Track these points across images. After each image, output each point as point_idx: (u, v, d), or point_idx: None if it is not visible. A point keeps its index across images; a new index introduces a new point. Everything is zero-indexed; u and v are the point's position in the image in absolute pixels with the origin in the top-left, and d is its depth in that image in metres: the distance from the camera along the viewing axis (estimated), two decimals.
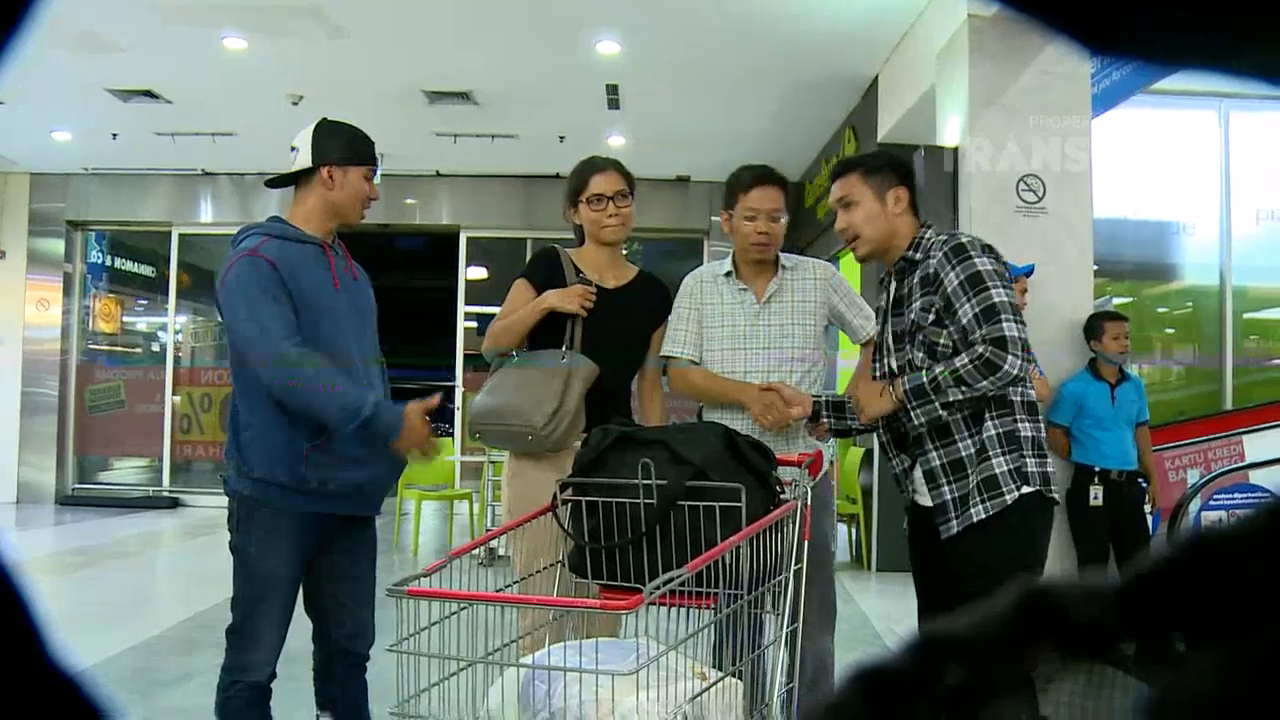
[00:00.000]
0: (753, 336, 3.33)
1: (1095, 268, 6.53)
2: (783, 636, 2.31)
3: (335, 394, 2.68)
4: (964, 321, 2.60)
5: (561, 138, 10.28)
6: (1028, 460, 2.65)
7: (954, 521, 2.66)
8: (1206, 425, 7.23)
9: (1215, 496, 6.04)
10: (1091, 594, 0.39)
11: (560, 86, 8.95)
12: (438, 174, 12.17)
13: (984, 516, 2.61)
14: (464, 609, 2.11)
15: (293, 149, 2.95)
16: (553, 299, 3.20)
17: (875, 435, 3.05)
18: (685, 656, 2.17)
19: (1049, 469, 2.71)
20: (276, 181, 3.05)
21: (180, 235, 12.54)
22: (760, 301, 3.35)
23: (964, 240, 2.70)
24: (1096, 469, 5.39)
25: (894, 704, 0.38)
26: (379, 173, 2.99)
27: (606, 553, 2.36)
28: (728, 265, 3.42)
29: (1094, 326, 5.50)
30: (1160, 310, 8.85)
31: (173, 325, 12.71)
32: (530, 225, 11.91)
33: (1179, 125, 8.09)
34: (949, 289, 2.63)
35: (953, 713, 0.38)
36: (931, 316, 2.67)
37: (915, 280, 2.74)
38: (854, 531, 8.58)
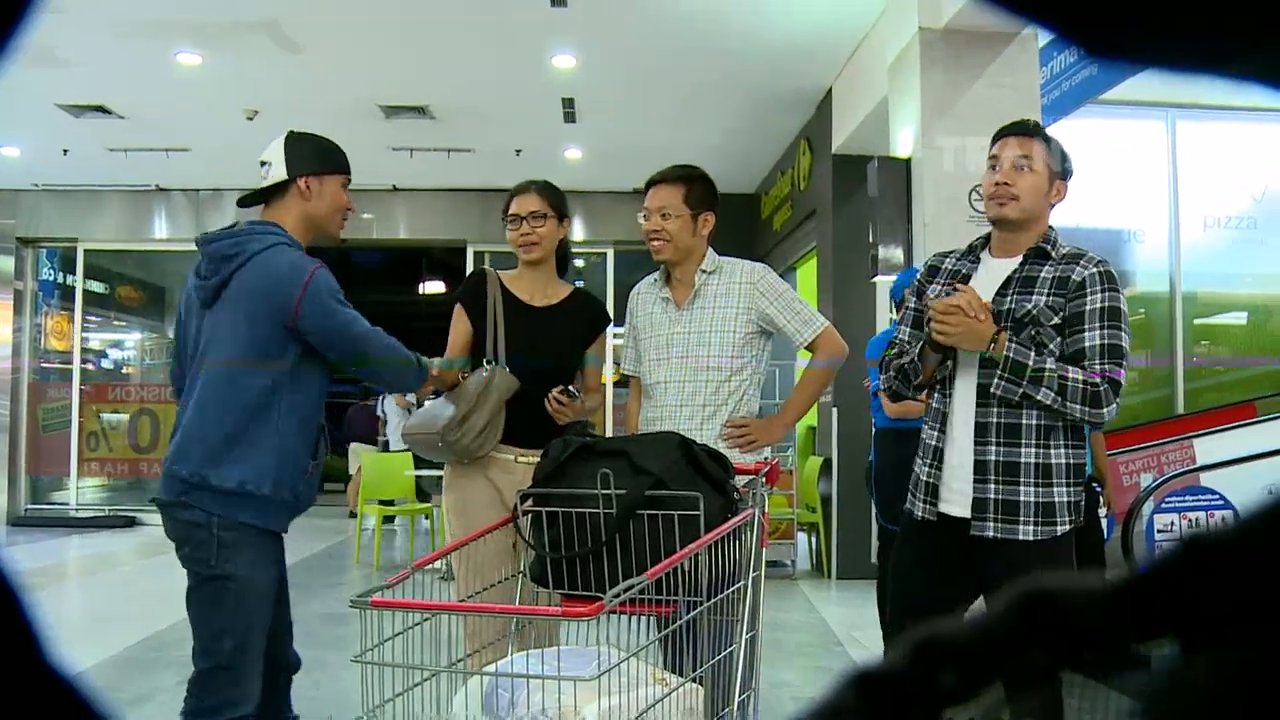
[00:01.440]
0: (672, 344, 3.29)
1: None
2: (742, 642, 2.32)
3: (411, 367, 2.90)
4: (1086, 345, 2.57)
5: (518, 151, 10.30)
6: (1081, 496, 2.66)
7: (991, 525, 2.60)
8: (1159, 429, 7.35)
9: (1168, 499, 6.14)
10: (1091, 596, 0.38)
11: (517, 100, 8.97)
12: (394, 189, 12.13)
13: (1029, 539, 2.58)
14: (427, 619, 2.12)
15: (263, 164, 2.88)
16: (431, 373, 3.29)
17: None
18: (646, 663, 2.19)
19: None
20: (249, 199, 2.97)
21: (86, 250, 12.51)
22: (681, 308, 3.31)
23: (1113, 269, 2.69)
24: None
25: (891, 707, 0.37)
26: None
27: (567, 562, 2.37)
28: (661, 274, 3.42)
29: None
30: None
31: (78, 342, 12.59)
32: (486, 239, 11.90)
33: (1128, 135, 8.22)
34: (1089, 307, 2.59)
35: (951, 716, 0.37)
36: (1056, 319, 2.61)
37: (1045, 275, 2.67)
38: (814, 540, 8.63)
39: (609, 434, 11.68)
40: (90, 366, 13.12)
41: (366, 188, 11.74)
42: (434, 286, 19.46)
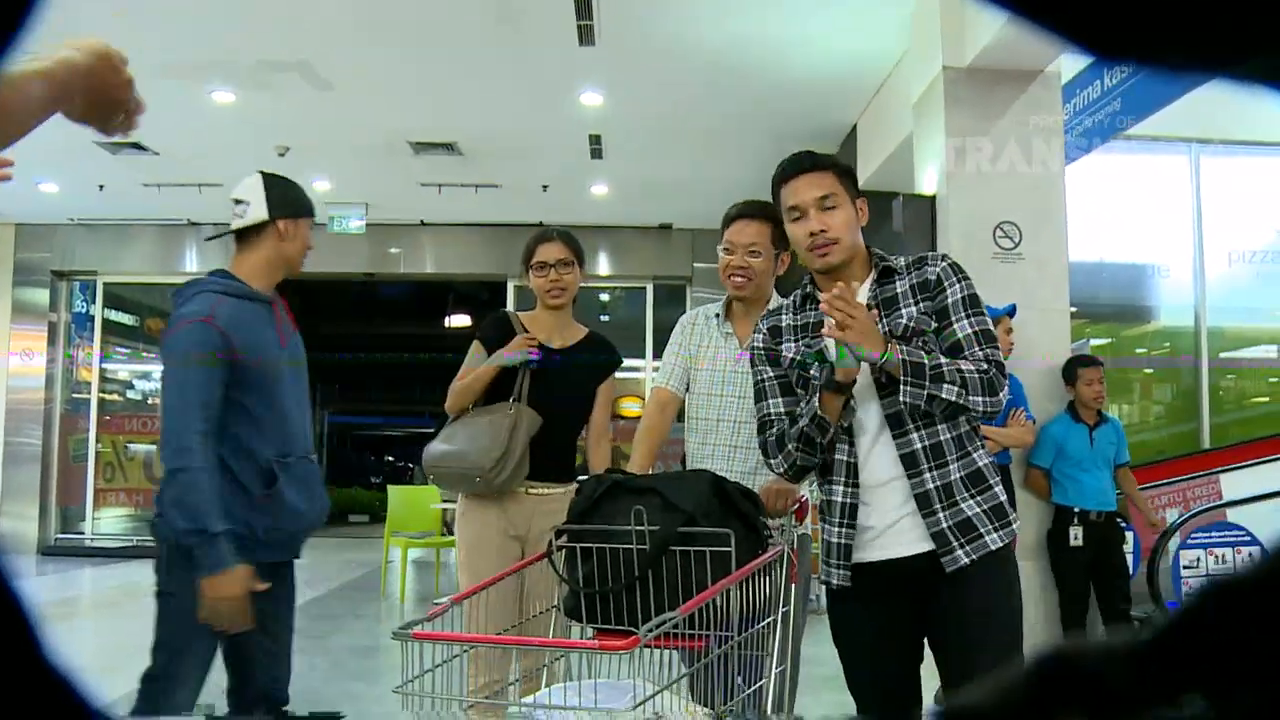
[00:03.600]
0: (729, 382, 3.28)
1: (1074, 310, 6.64)
2: (772, 676, 2.36)
3: (206, 498, 2.69)
4: (960, 336, 2.49)
5: (545, 187, 10.41)
6: (1009, 490, 2.60)
7: (961, 551, 2.43)
8: (1184, 464, 7.33)
9: (1194, 535, 6.12)
10: (1115, 655, 0.37)
11: (544, 137, 9.09)
12: (422, 223, 12.27)
13: (999, 546, 2.46)
14: (466, 651, 2.19)
15: (239, 202, 2.94)
16: (499, 359, 3.48)
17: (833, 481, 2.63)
18: (679, 697, 2.23)
19: None
20: (219, 235, 3.07)
21: (107, 283, 12.74)
22: (743, 347, 3.26)
23: (956, 260, 2.61)
24: (1076, 510, 5.46)
25: None
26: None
27: (601, 597, 2.40)
28: (719, 307, 3.41)
29: (1070, 371, 5.59)
30: (1139, 351, 8.98)
31: (97, 372, 12.78)
32: (513, 273, 12.02)
33: (1152, 170, 8.25)
34: (952, 299, 2.51)
35: None
36: (934, 323, 2.52)
37: (902, 289, 2.55)
38: None
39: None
40: (117, 398, 13.28)
41: (395, 222, 11.91)
42: (459, 320, 19.59)
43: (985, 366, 2.44)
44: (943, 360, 2.42)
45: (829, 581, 2.60)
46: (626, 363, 12.41)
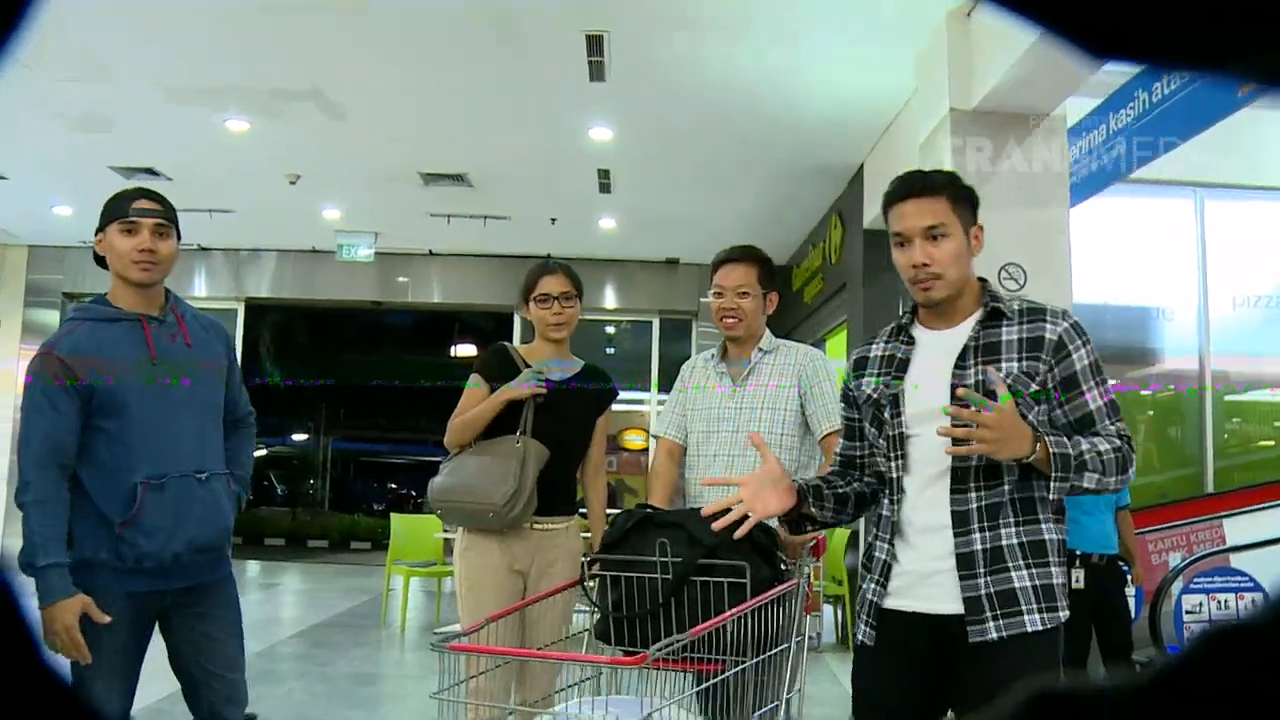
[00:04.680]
0: (724, 419, 3.37)
1: None
2: (783, 700, 2.53)
3: (37, 531, 2.67)
4: (1092, 408, 2.31)
5: (554, 220, 10.49)
6: (1066, 579, 2.37)
7: (992, 625, 2.25)
8: (1188, 508, 7.32)
9: (1196, 580, 6.12)
10: (1108, 698, 0.36)
11: (553, 170, 9.16)
12: (430, 253, 12.34)
13: (1039, 629, 2.26)
14: (498, 666, 2.55)
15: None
16: (510, 391, 3.44)
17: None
18: (694, 716, 2.43)
19: None
20: (100, 262, 2.99)
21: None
22: (736, 383, 3.39)
23: (1078, 319, 2.39)
24: (1078, 552, 5.47)
25: None
26: (158, 218, 2.89)
27: (628, 621, 2.62)
28: (716, 350, 3.53)
29: None
30: (1144, 394, 8.99)
31: None
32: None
33: (1156, 213, 8.30)
34: (1078, 367, 2.31)
35: None
36: (1034, 386, 2.30)
37: (1008, 338, 2.35)
38: (839, 613, 8.61)
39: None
40: None
41: (403, 251, 11.99)
42: (465, 349, 19.65)
43: (1118, 443, 2.28)
44: (1084, 446, 2.23)
45: (855, 632, 2.50)
46: (631, 396, 12.52)
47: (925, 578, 2.34)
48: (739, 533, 2.42)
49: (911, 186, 2.41)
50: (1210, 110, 5.16)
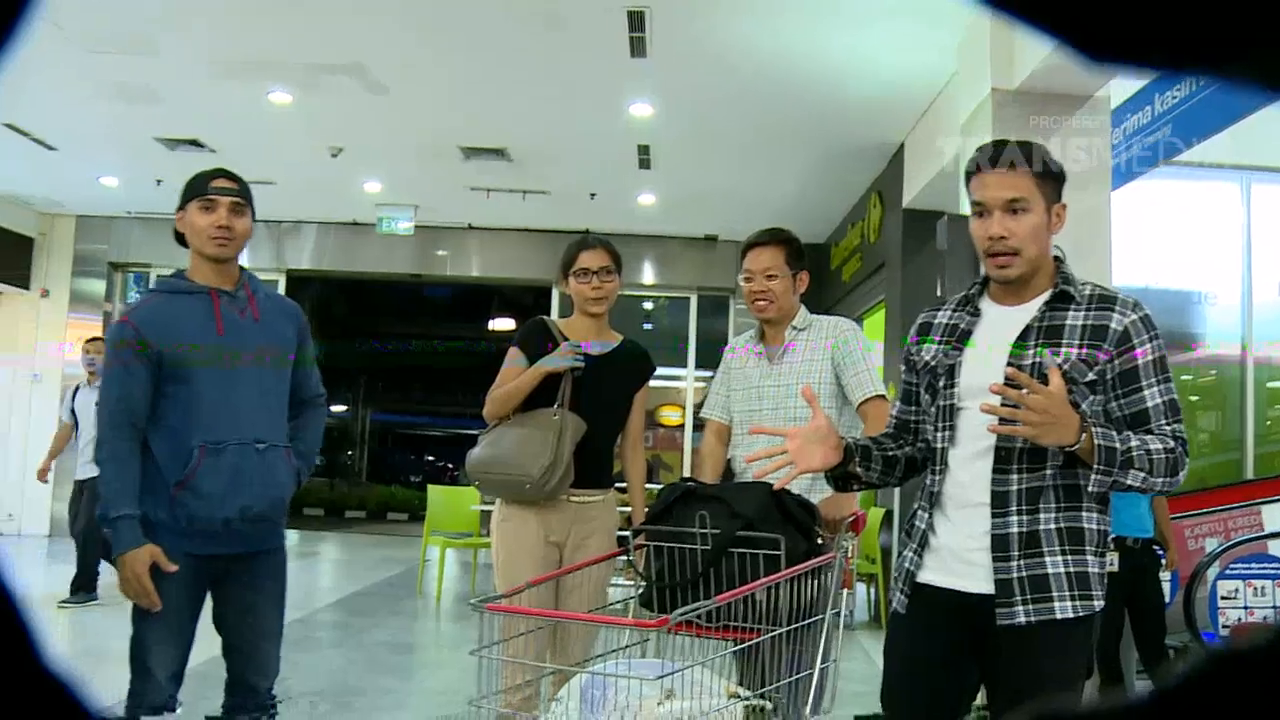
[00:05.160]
0: (763, 397, 3.43)
1: None
2: (816, 671, 2.59)
3: (110, 485, 2.87)
4: (1149, 405, 2.25)
5: (593, 195, 10.50)
6: (1105, 568, 2.33)
7: (1021, 610, 2.23)
8: (1226, 494, 7.27)
9: (1233, 565, 6.08)
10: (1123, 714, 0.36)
11: (593, 146, 9.18)
12: (470, 227, 12.40)
13: (1069, 616, 2.23)
14: (541, 628, 2.81)
15: None
16: (548, 364, 3.47)
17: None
18: (721, 678, 2.50)
19: None
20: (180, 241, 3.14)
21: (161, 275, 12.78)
22: (773, 363, 3.45)
23: (1148, 312, 2.34)
24: (1112, 536, 5.44)
25: None
26: (235, 198, 3.04)
27: (670, 590, 2.72)
28: (755, 330, 3.59)
29: None
30: (1184, 378, 8.91)
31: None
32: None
33: (1201, 197, 8.20)
34: (1141, 361, 2.26)
35: None
36: (1091, 375, 2.26)
37: (1072, 323, 2.30)
38: (873, 591, 8.63)
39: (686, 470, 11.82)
40: None
41: (443, 225, 12.04)
42: (503, 324, 19.72)
43: (1172, 445, 2.22)
44: (1133, 443, 2.18)
45: (895, 608, 2.49)
46: (669, 372, 12.55)
47: (960, 555, 2.33)
48: (779, 483, 2.46)
49: (996, 157, 2.34)
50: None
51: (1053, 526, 2.24)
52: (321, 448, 3.39)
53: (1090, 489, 2.20)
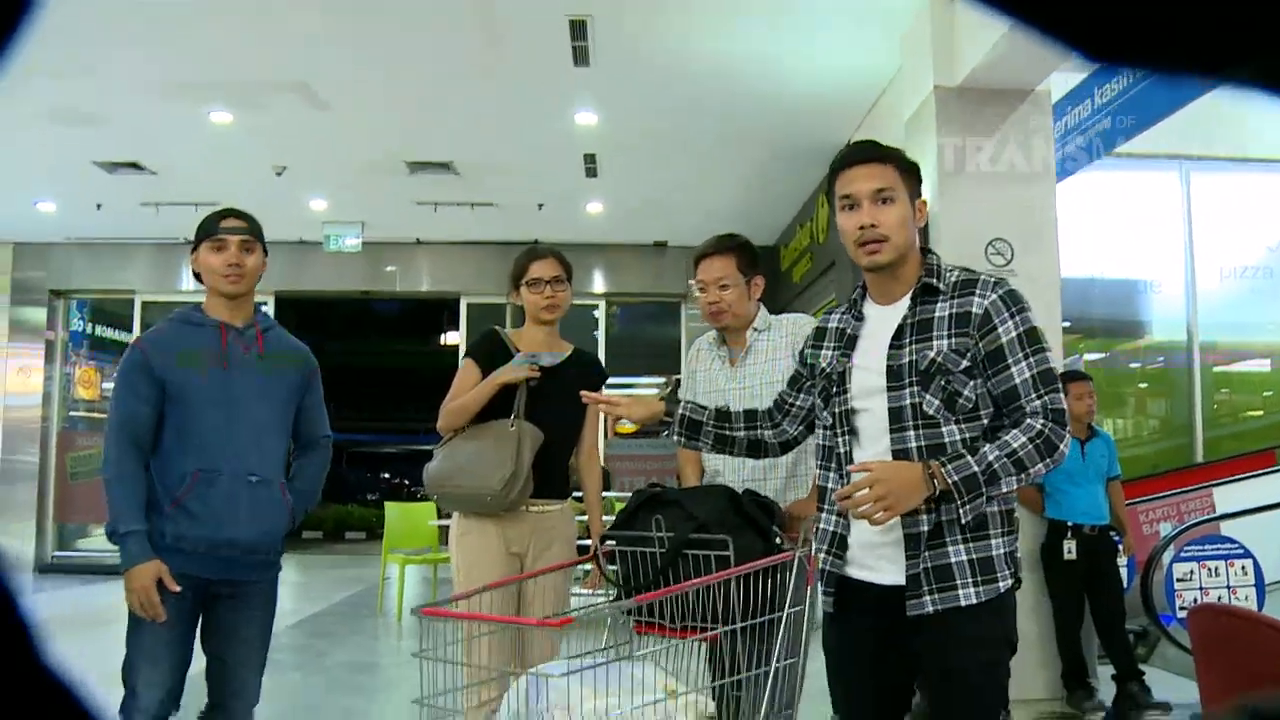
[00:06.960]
0: (727, 399, 3.41)
1: (1067, 325, 6.70)
2: (774, 668, 2.61)
3: (117, 502, 2.96)
4: (1017, 381, 2.28)
5: (540, 205, 10.47)
6: (1016, 544, 2.38)
7: (929, 599, 2.29)
8: (1177, 478, 7.39)
9: (1187, 548, 6.16)
10: None
11: (539, 156, 9.15)
12: (418, 241, 12.32)
13: (973, 602, 2.27)
14: (492, 633, 2.88)
15: None
16: (504, 375, 3.46)
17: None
18: (663, 671, 2.57)
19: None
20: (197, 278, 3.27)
21: (145, 302, 12.60)
22: (736, 365, 3.46)
23: (1014, 286, 2.38)
24: (1069, 523, 5.50)
25: None
26: (244, 237, 3.16)
27: (629, 593, 2.77)
28: (716, 333, 3.57)
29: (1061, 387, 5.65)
30: (1132, 366, 9.04)
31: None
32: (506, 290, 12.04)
33: (1142, 186, 8.33)
34: (1004, 340, 2.29)
35: None
36: (964, 362, 2.31)
37: (940, 314, 2.36)
38: None
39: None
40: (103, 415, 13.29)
41: (390, 240, 11.95)
42: (454, 337, 19.60)
43: (1039, 425, 2.25)
44: (991, 455, 2.22)
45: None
46: (621, 380, 12.51)
47: (873, 549, 2.39)
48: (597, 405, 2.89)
49: (861, 153, 2.47)
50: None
51: (955, 517, 2.28)
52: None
53: (965, 520, 2.26)
